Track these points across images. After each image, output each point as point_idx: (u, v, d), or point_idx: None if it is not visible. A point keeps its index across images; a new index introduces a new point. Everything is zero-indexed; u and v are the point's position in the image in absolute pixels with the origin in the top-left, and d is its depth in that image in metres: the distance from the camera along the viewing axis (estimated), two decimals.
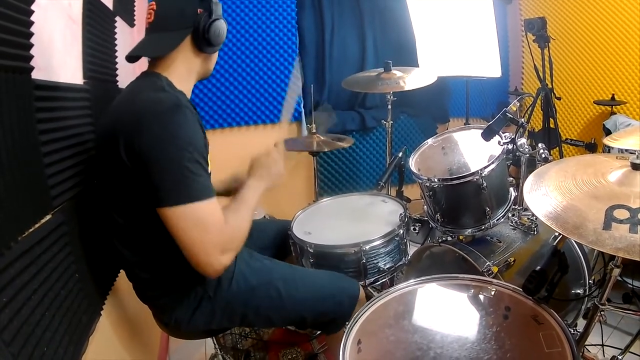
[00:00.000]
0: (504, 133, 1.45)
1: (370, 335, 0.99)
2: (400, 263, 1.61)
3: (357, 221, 1.70)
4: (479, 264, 1.41)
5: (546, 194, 0.97)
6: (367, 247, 1.48)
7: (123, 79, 1.60)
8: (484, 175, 1.45)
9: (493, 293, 1.09)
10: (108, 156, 1.00)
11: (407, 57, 2.92)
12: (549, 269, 1.02)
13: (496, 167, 1.47)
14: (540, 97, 2.66)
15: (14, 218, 0.75)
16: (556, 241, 1.05)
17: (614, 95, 2.77)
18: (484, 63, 2.78)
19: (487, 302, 1.06)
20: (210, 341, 1.60)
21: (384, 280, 1.59)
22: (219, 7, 1.11)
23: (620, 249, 0.77)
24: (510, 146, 1.45)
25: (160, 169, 0.93)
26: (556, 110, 2.74)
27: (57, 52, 1.06)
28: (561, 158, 2.67)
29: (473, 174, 1.45)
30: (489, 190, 1.48)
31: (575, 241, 1.40)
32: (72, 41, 1.17)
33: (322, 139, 2.23)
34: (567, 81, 3.19)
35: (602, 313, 1.02)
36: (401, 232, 1.57)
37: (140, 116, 0.95)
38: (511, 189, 1.65)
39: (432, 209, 1.66)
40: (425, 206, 1.71)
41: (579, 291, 1.48)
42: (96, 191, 1.11)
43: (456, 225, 1.60)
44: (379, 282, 1.58)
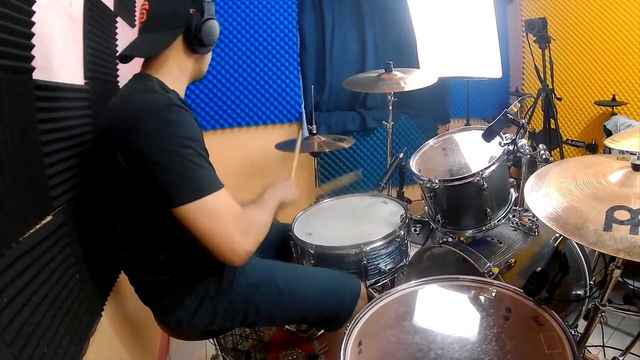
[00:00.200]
0: (504, 134, 1.45)
1: (371, 336, 0.99)
2: (401, 264, 1.61)
3: (358, 222, 1.70)
4: (479, 265, 1.41)
5: (547, 195, 0.97)
6: (368, 248, 1.48)
7: (124, 79, 1.60)
8: (484, 176, 1.45)
9: (494, 294, 1.09)
10: (104, 161, 1.00)
11: (408, 58, 2.93)
12: (550, 270, 1.01)
13: (497, 168, 1.47)
14: (541, 97, 2.66)
15: (15, 218, 0.75)
16: (557, 242, 1.05)
17: (614, 96, 2.76)
18: (484, 64, 2.78)
19: (488, 303, 1.06)
20: (210, 342, 1.60)
21: (384, 281, 1.59)
22: (211, 6, 1.10)
23: (621, 250, 0.77)
24: (511, 147, 1.45)
25: (164, 168, 0.93)
26: (557, 111, 2.73)
27: (58, 53, 1.06)
28: (562, 159, 2.66)
29: (474, 175, 1.45)
30: (490, 191, 1.47)
31: (576, 242, 1.40)
32: (72, 41, 1.17)
33: (322, 139, 2.23)
34: (567, 82, 3.18)
35: (602, 314, 1.02)
36: (402, 233, 1.57)
37: (135, 118, 0.95)
38: (512, 190, 1.65)
39: (432, 210, 1.66)
40: (426, 207, 1.71)
41: (579, 292, 1.48)
42: (94, 195, 1.11)
43: (457, 226, 1.60)
44: (379, 283, 1.58)
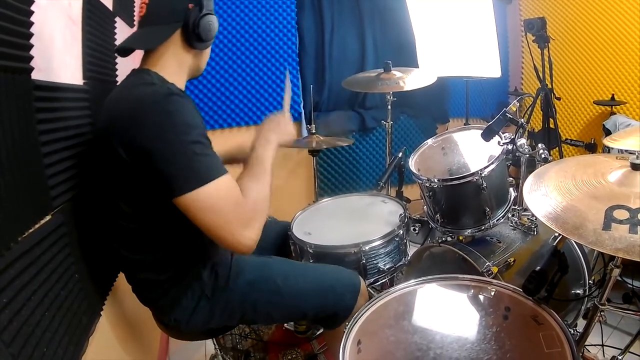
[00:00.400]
0: (503, 133, 1.45)
1: (370, 335, 0.99)
2: (400, 263, 1.61)
3: (357, 221, 1.70)
4: (478, 265, 1.41)
5: (546, 194, 0.97)
6: (367, 248, 1.48)
7: (123, 79, 1.60)
8: (483, 175, 1.45)
9: (493, 293, 1.09)
10: (106, 157, 1.00)
11: (407, 57, 2.92)
12: (549, 269, 1.02)
13: (496, 168, 1.47)
14: (540, 97, 2.66)
15: (14, 218, 0.75)
16: (556, 241, 1.05)
17: (613, 95, 2.77)
18: (483, 63, 2.78)
19: (487, 302, 1.06)
20: (210, 342, 1.60)
21: (383, 280, 1.59)
22: (210, 2, 1.10)
23: (620, 249, 0.77)
24: (510, 146, 1.45)
25: (165, 158, 0.92)
26: (556, 111, 2.74)
27: (57, 53, 1.06)
28: (561, 158, 2.67)
29: (473, 174, 1.45)
30: (489, 191, 1.48)
31: (575, 241, 1.40)
32: (72, 41, 1.17)
33: (321, 138, 2.23)
34: (566, 81, 3.19)
35: (602, 313, 1.02)
36: (401, 233, 1.58)
37: (135, 110, 0.95)
38: (511, 189, 1.65)
39: (431, 209, 1.66)
40: (425, 206, 1.71)
41: (578, 291, 1.48)
42: (95, 193, 1.11)
43: (456, 226, 1.60)
44: (379, 283, 1.58)
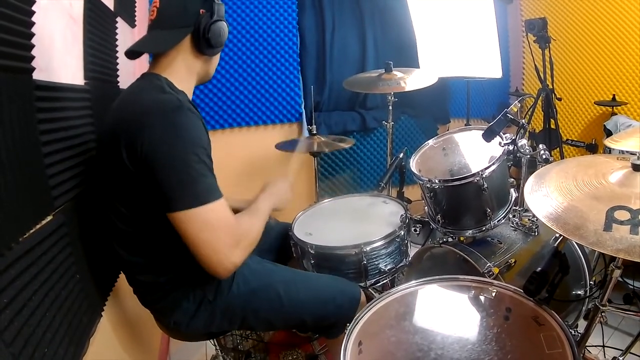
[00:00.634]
0: (504, 134, 1.45)
1: (371, 336, 0.99)
2: (401, 264, 1.61)
3: (358, 222, 1.70)
4: (479, 265, 1.41)
5: (547, 195, 0.97)
6: (368, 248, 1.48)
7: (124, 79, 1.61)
8: (484, 176, 1.45)
9: (494, 294, 1.09)
10: (109, 160, 1.00)
11: (408, 58, 2.92)
12: (550, 270, 1.01)
13: (497, 168, 1.47)
14: (541, 97, 2.66)
15: (15, 219, 0.75)
16: (557, 242, 1.05)
17: (614, 96, 2.76)
18: (484, 64, 2.78)
19: (488, 303, 1.06)
20: (210, 342, 1.60)
21: (384, 281, 1.59)
22: (221, 8, 1.10)
23: (621, 250, 0.77)
24: (511, 147, 1.45)
25: (166, 171, 0.93)
26: (557, 111, 2.73)
27: (58, 53, 1.06)
28: (562, 159, 2.66)
29: (474, 175, 1.45)
30: (490, 192, 1.47)
31: (576, 242, 1.40)
32: (73, 41, 1.17)
33: (322, 140, 2.23)
34: (567, 82, 3.18)
35: (602, 314, 1.02)
36: (402, 233, 1.57)
37: (143, 118, 0.95)
38: (512, 190, 1.65)
39: (432, 210, 1.66)
40: (426, 207, 1.71)
41: (579, 292, 1.48)
42: (96, 194, 1.11)
43: (457, 227, 1.60)
44: (379, 284, 1.58)
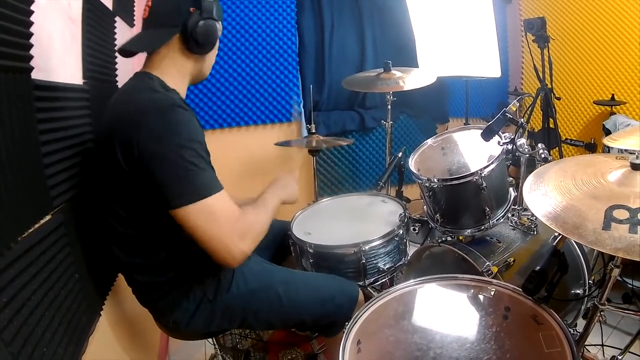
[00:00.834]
0: (503, 133, 1.45)
1: (369, 335, 0.99)
2: (400, 263, 1.61)
3: (357, 221, 1.70)
4: (478, 264, 1.41)
5: (546, 194, 0.97)
6: (367, 247, 1.48)
7: (123, 79, 1.60)
8: (483, 175, 1.45)
9: (493, 293, 1.09)
10: (105, 161, 1.00)
11: (407, 57, 2.92)
12: (549, 269, 1.02)
13: (496, 167, 1.47)
14: (539, 97, 2.66)
15: (14, 218, 0.75)
16: (556, 241, 1.05)
17: (613, 95, 2.77)
18: (483, 63, 2.78)
19: (487, 302, 1.06)
20: (210, 341, 1.60)
21: (383, 280, 1.59)
22: (213, 7, 1.06)
23: (620, 249, 0.77)
24: (509, 146, 1.45)
25: (164, 168, 0.92)
26: (556, 111, 2.74)
27: (57, 53, 1.06)
28: (561, 158, 2.67)
29: (473, 174, 1.45)
30: (489, 191, 1.47)
31: (575, 241, 1.40)
32: (71, 41, 1.17)
33: (321, 138, 2.23)
34: (566, 81, 3.19)
35: (601, 313, 1.02)
36: (401, 232, 1.57)
37: (137, 117, 0.95)
38: (511, 189, 1.65)
39: (431, 209, 1.66)
40: (425, 206, 1.71)
41: (578, 291, 1.48)
42: (94, 194, 1.11)
43: (456, 226, 1.60)
44: (378, 283, 1.58)
